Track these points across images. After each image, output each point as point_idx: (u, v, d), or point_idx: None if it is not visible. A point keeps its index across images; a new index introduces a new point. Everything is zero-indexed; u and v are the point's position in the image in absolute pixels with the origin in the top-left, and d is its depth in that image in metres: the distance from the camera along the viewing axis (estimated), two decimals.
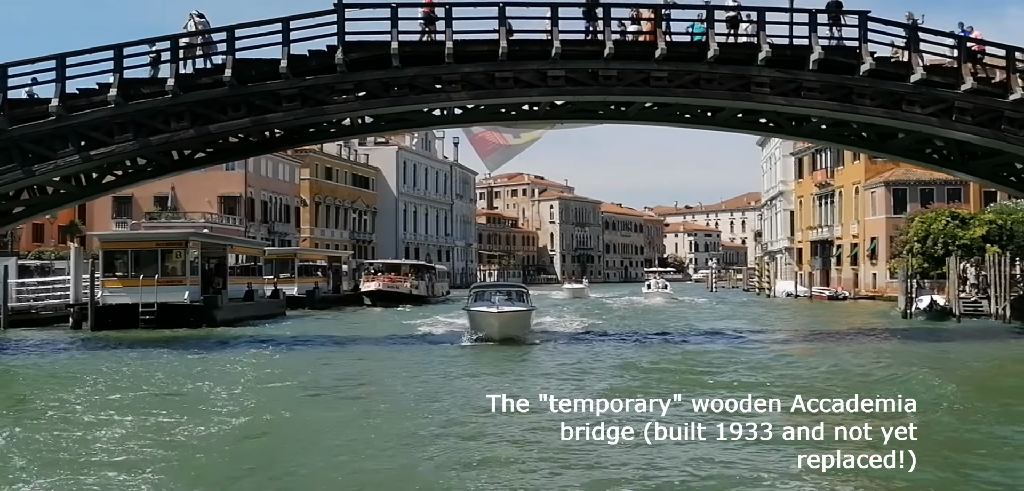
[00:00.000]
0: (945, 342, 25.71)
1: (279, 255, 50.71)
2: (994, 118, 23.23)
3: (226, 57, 21.69)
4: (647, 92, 23.41)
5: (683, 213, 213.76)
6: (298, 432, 11.98)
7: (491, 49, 22.30)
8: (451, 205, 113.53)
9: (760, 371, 18.03)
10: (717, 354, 22.00)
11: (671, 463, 9.21)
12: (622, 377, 17.52)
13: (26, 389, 16.51)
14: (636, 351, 23.06)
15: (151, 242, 34.56)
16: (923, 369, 18.28)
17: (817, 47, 22.73)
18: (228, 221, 63.87)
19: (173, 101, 21.49)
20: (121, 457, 10.15)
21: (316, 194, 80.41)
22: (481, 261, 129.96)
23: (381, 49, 21.96)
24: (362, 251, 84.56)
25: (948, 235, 40.04)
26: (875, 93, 23.13)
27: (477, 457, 9.99)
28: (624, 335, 28.35)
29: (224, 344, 24.88)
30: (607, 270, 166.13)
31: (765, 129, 28.94)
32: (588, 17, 22.98)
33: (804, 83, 23.04)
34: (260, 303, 39.60)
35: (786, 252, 75.60)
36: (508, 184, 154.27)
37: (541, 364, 20.40)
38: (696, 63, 22.91)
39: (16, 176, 21.45)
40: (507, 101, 23.59)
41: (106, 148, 21.56)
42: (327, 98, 22.47)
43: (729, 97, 23.43)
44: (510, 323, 24.09)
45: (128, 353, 21.98)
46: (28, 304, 32.45)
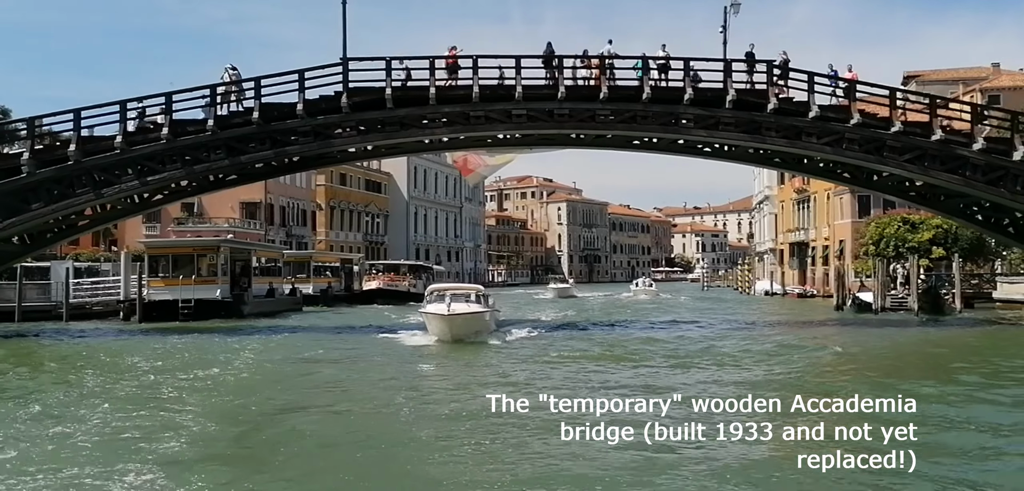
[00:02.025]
0: (848, 327, 30.95)
1: (296, 258, 56.39)
2: (878, 146, 28.35)
3: (254, 101, 27.27)
4: (594, 127, 28.83)
5: (691, 214, 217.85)
6: (290, 392, 17.11)
7: (466, 93, 27.75)
8: (460, 208, 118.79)
9: (660, 344, 23.47)
10: (644, 339, 27.29)
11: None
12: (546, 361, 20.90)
13: (106, 358, 22.17)
14: (581, 342, 26.86)
15: (188, 248, 40.35)
16: (808, 344, 23.54)
17: (731, 89, 28.00)
18: (249, 225, 69.52)
19: (212, 137, 27.12)
20: (172, 394, 15.59)
21: (331, 199, 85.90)
22: (490, 261, 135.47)
23: (377, 94, 27.51)
24: (375, 252, 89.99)
25: (899, 239, 44.99)
26: (780, 127, 28.36)
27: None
28: (583, 326, 33.51)
29: (248, 333, 30.38)
30: (614, 270, 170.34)
31: (730, 156, 33.56)
32: (546, 65, 28.37)
33: (721, 119, 28.32)
34: (279, 300, 45.25)
35: (771, 253, 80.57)
36: (517, 187, 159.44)
37: (480, 358, 21.44)
38: (633, 103, 28.25)
39: (88, 197, 27.14)
40: (479, 135, 29.05)
41: (159, 175, 27.24)
42: (334, 133, 28.06)
43: (660, 130, 28.85)
44: (462, 324, 24.25)
45: (172, 338, 27.54)
46: (83, 301, 38.13)
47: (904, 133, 28.24)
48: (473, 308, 25.54)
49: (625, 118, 28.45)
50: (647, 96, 27.89)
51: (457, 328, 23.99)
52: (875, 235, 46.91)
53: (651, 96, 27.98)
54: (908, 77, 77.55)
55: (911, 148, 28.30)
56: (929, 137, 28.07)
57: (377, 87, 27.59)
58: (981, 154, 27.96)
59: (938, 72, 75.65)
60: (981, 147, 27.93)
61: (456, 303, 24.95)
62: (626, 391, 14.55)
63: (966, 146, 28.12)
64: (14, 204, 26.34)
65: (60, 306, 36.03)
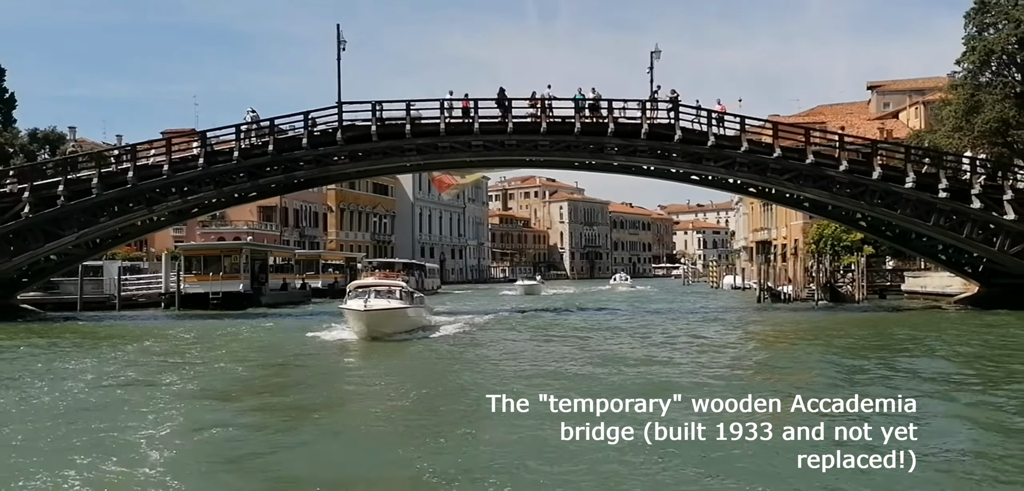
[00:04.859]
0: (759, 313, 38.24)
1: (306, 257, 64.36)
2: (763, 168, 35.74)
3: (269, 137, 35.07)
4: (537, 154, 36.49)
5: (694, 211, 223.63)
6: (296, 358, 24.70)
7: (434, 127, 35.43)
8: (463, 208, 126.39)
9: (571, 327, 30.93)
10: (579, 320, 34.79)
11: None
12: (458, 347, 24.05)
13: (147, 334, 29.91)
14: (507, 330, 29.79)
15: (216, 250, 48.51)
16: (717, 326, 30.50)
17: (645, 124, 35.49)
18: (266, 227, 77.45)
19: (237, 165, 34.96)
20: (201, 354, 22.99)
21: (341, 202, 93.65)
22: (494, 259, 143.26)
23: (364, 130, 35.28)
24: (382, 251, 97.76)
25: (835, 238, 52.18)
26: (684, 154, 35.83)
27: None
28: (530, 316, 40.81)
29: (263, 317, 38.05)
30: (616, 266, 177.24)
31: (651, 174, 40.95)
32: (499, 105, 35.95)
33: (637, 147, 35.83)
34: (291, 293, 53.16)
35: (743, 250, 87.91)
36: (521, 187, 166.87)
37: (386, 353, 22.25)
38: (567, 135, 35.81)
39: (142, 212, 35.12)
40: (446, 161, 36.77)
41: (197, 195, 35.14)
42: (331, 160, 35.88)
43: (590, 156, 36.39)
44: (379, 321, 23.84)
45: (204, 321, 35.28)
46: (131, 294, 46.10)
47: (783, 157, 35.61)
48: (392, 305, 25.27)
49: (561, 147, 36.05)
50: (578, 130, 35.46)
51: (374, 325, 23.64)
52: (816, 235, 54.08)
53: (581, 129, 35.55)
54: (872, 86, 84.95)
55: (789, 169, 35.68)
56: (804, 160, 35.49)
57: (364, 124, 35.35)
58: (844, 174, 35.29)
59: (897, 82, 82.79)
60: (845, 169, 35.29)
61: (376, 300, 24.88)
62: (538, 379, 16.04)
63: (833, 168, 35.48)
64: (86, 219, 34.31)
65: (112, 297, 44.03)
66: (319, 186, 60.31)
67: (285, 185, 39.05)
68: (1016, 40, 39.62)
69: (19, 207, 33.92)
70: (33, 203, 33.93)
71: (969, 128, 39.94)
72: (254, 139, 35.36)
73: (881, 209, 35.08)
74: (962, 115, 40.31)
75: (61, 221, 34.24)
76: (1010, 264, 34.30)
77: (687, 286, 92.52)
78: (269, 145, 34.99)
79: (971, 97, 40.00)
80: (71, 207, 34.09)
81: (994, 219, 34.28)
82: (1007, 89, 39.34)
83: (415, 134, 35.41)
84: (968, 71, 40.92)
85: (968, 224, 34.32)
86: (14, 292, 37.64)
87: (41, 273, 38.51)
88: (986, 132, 39.60)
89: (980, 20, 40.98)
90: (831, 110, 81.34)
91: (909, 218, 34.98)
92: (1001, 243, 34.17)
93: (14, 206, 34.10)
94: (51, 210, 34.04)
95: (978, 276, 37.38)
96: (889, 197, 34.91)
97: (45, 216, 34.05)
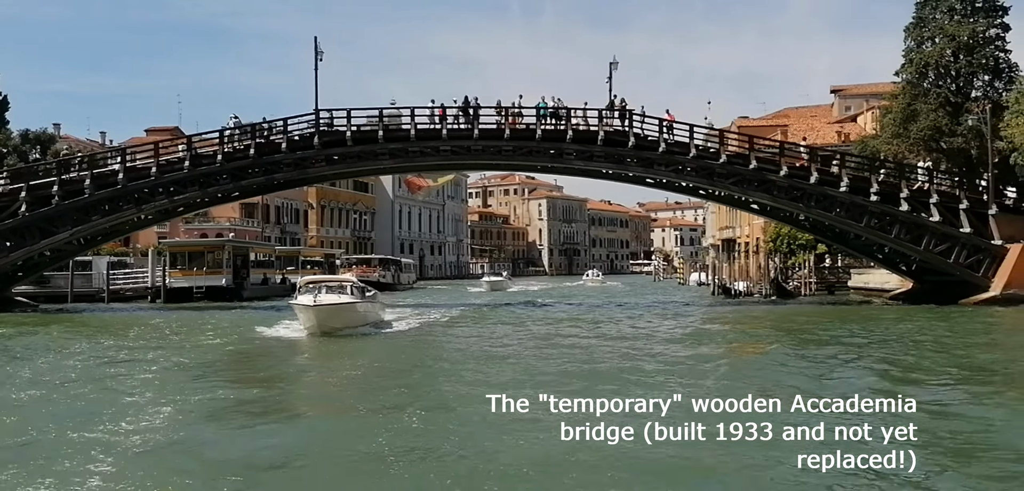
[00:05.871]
0: (706, 309, 41.03)
1: (287, 253, 66.82)
2: (710, 173, 38.60)
3: (251, 141, 37.62)
4: (501, 158, 39.28)
5: (673, 209, 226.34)
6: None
7: (405, 132, 38.10)
8: (443, 205, 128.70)
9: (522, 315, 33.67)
10: (536, 309, 37.51)
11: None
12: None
13: (137, 324, 32.34)
14: (463, 327, 30.71)
15: (200, 246, 51.06)
16: (670, 319, 33.11)
17: (602, 131, 38.28)
18: (248, 223, 79.47)
19: (220, 168, 37.50)
20: (181, 338, 25.46)
21: (322, 199, 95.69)
22: (474, 255, 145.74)
23: (340, 135, 37.91)
24: (362, 247, 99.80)
25: (790, 237, 55.21)
26: (637, 159, 38.64)
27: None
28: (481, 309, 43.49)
29: (243, 309, 40.36)
30: (593, 263, 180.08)
31: (608, 177, 43.90)
32: (464, 114, 38.63)
33: (594, 152, 38.62)
34: (272, 287, 55.62)
35: (711, 247, 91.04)
36: (500, 184, 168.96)
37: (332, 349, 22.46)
38: (530, 141, 38.56)
39: (132, 211, 37.65)
40: (416, 165, 39.46)
41: (183, 195, 37.69)
42: (309, 164, 38.56)
43: (550, 161, 39.20)
44: (328, 316, 23.79)
45: (188, 313, 37.73)
46: (119, 287, 48.49)
47: (728, 163, 38.50)
48: (342, 300, 25.27)
49: (523, 152, 38.84)
50: (539, 136, 38.22)
51: (323, 320, 23.63)
52: (773, 234, 57.10)
53: (542, 136, 38.30)
54: (834, 90, 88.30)
55: (734, 174, 38.59)
56: (747, 166, 38.40)
57: (340, 130, 37.97)
58: (784, 178, 38.22)
59: (858, 86, 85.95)
60: (784, 173, 38.22)
61: (326, 295, 24.96)
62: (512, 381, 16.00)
63: (774, 173, 38.41)
64: (79, 217, 36.82)
65: (101, 291, 46.46)
66: (298, 187, 62.98)
67: (266, 186, 41.70)
68: (951, 53, 43.01)
69: (16, 206, 36.36)
70: (29, 202, 36.41)
71: (906, 135, 43.18)
72: (236, 143, 37.86)
73: (817, 211, 38.09)
74: (900, 123, 43.59)
75: (56, 219, 36.79)
76: (936, 263, 37.40)
77: (657, 282, 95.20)
78: (251, 149, 37.53)
79: (908, 106, 43.32)
80: (65, 206, 36.65)
81: (921, 221, 37.32)
82: (941, 98, 42.59)
83: (387, 139, 38.05)
84: (906, 82, 44.28)
85: (896, 225, 37.33)
86: (9, 286, 40.01)
87: (35, 268, 40.96)
88: (921, 139, 42.90)
89: (918, 34, 44.32)
90: (796, 113, 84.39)
91: (843, 219, 38.00)
92: (927, 243, 37.21)
93: (11, 205, 36.54)
94: (46, 209, 36.59)
95: (912, 274, 40.50)
96: (825, 200, 37.89)
97: (41, 215, 36.58)
